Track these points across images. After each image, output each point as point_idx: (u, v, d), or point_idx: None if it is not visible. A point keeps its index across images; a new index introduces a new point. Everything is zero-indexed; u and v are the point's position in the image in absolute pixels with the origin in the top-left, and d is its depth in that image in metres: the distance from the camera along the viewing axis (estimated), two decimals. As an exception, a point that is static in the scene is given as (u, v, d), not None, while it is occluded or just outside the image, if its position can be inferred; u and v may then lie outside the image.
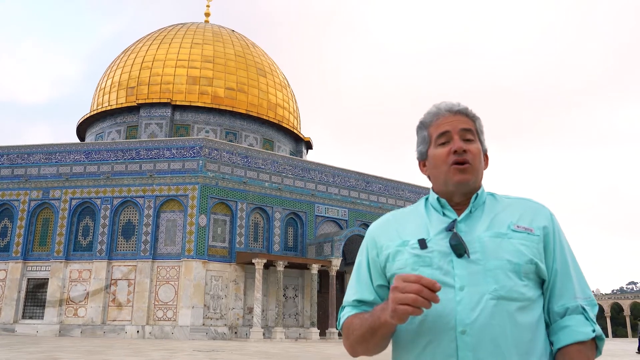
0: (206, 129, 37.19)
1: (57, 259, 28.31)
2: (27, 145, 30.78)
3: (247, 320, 28.15)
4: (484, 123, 1.68)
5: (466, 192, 1.57)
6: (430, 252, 1.50)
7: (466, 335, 1.40)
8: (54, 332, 26.93)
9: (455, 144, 1.56)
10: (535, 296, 1.48)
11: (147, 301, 26.94)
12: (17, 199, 29.58)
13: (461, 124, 1.60)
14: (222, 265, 28.11)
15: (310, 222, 31.88)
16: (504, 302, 1.42)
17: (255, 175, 30.41)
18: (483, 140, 1.65)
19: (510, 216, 1.54)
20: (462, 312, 1.42)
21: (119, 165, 29.32)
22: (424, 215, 1.61)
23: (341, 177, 34.05)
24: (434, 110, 1.64)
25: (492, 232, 1.50)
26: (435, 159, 1.60)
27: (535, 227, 1.52)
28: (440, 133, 1.60)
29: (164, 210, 28.53)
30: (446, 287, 1.45)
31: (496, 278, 1.44)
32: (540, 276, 1.50)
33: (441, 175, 1.59)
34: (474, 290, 1.43)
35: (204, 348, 17.91)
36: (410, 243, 1.54)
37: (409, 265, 1.51)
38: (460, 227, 1.52)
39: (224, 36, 40.99)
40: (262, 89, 39.49)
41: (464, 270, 1.45)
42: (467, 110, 1.63)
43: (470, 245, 1.48)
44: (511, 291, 1.43)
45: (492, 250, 1.47)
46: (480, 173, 1.60)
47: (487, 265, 1.45)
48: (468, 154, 1.55)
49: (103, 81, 40.68)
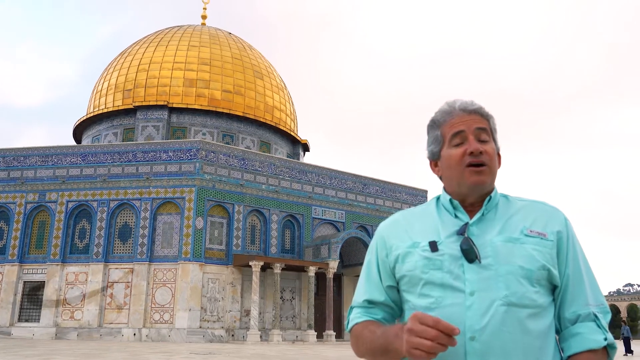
0: (203, 131, 37.17)
1: (53, 261, 28.24)
2: (24, 148, 30.71)
3: (244, 323, 28.11)
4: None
5: (481, 194, 1.54)
6: (441, 255, 1.47)
7: (475, 342, 1.37)
8: (51, 335, 26.84)
9: (471, 145, 1.51)
10: (546, 303, 1.45)
11: (144, 304, 26.87)
12: (14, 202, 29.50)
13: (476, 123, 1.55)
14: (219, 268, 28.06)
15: (307, 225, 31.88)
16: (514, 309, 1.39)
17: (252, 177, 30.40)
18: (497, 139, 1.60)
19: (523, 220, 1.51)
20: (471, 317, 1.39)
21: (116, 167, 29.28)
22: (435, 216, 1.58)
23: (338, 180, 34.06)
24: (448, 109, 1.59)
25: (505, 236, 1.47)
26: (449, 159, 1.55)
27: (548, 231, 1.49)
28: (454, 133, 1.55)
29: (161, 213, 28.48)
30: (456, 292, 1.43)
31: (507, 284, 1.41)
32: (552, 282, 1.47)
33: (456, 177, 1.54)
34: (485, 295, 1.40)
35: (200, 351, 17.88)
36: (421, 245, 1.51)
37: (419, 268, 1.48)
38: (472, 231, 1.49)
39: (221, 39, 40.99)
40: (259, 92, 39.49)
41: (475, 275, 1.43)
42: (482, 110, 1.58)
43: (481, 250, 1.45)
44: (522, 298, 1.40)
45: (504, 256, 1.44)
46: (495, 174, 1.56)
47: (498, 271, 1.42)
48: (484, 156, 1.51)
49: (100, 83, 40.63)
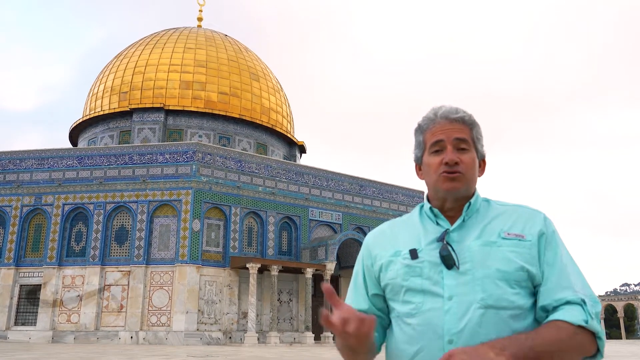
0: (199, 133, 37.15)
1: (50, 265, 28.16)
2: (19, 151, 30.64)
3: (241, 325, 28.07)
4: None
5: (458, 198, 1.56)
6: (421, 262, 1.50)
7: (453, 345, 1.40)
8: (47, 338, 26.75)
9: (447, 155, 1.53)
10: (527, 305, 1.45)
11: (141, 306, 26.82)
12: (9, 205, 29.42)
13: (456, 132, 1.56)
14: (216, 270, 28.03)
15: (304, 226, 31.87)
16: (492, 311, 1.41)
17: (249, 179, 30.38)
18: (480, 147, 1.61)
19: (502, 224, 1.53)
20: (449, 321, 1.42)
21: (112, 170, 29.23)
22: (418, 224, 1.61)
23: (335, 181, 34.08)
24: (431, 116, 1.61)
25: (482, 240, 1.49)
26: (428, 167, 1.59)
27: (527, 233, 1.50)
28: (434, 141, 1.57)
29: (158, 216, 28.44)
30: (435, 297, 1.46)
31: (484, 287, 1.43)
32: (533, 283, 1.47)
33: (432, 183, 1.58)
34: (462, 299, 1.43)
35: (198, 353, 17.84)
36: (402, 253, 1.55)
37: (400, 276, 1.52)
38: (453, 237, 1.51)
39: (217, 41, 40.99)
40: (255, 93, 39.48)
41: (453, 281, 1.45)
42: (464, 118, 1.59)
43: (460, 255, 1.47)
44: (500, 299, 1.42)
45: (480, 259, 1.46)
46: (473, 181, 1.57)
47: (475, 275, 1.44)
48: (460, 165, 1.53)
49: (95, 86, 40.57)
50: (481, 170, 1.64)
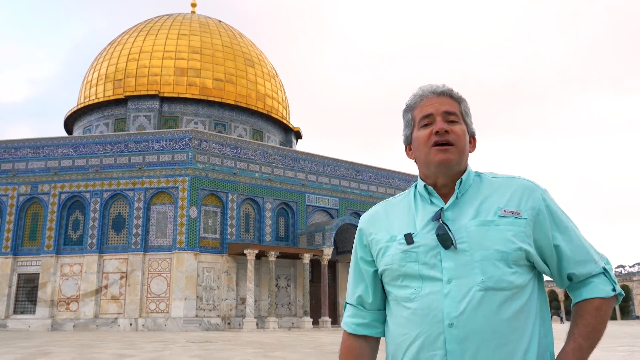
0: (195, 120, 37.02)
1: (47, 253, 28.19)
2: (15, 140, 30.49)
3: (240, 311, 28.22)
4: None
5: (451, 174, 1.54)
6: (417, 247, 1.49)
7: (454, 329, 1.40)
8: (46, 326, 26.86)
9: (437, 125, 1.53)
10: (525, 282, 1.45)
11: (140, 294, 26.92)
12: (6, 194, 29.36)
13: (444, 105, 1.56)
14: (213, 257, 28.11)
15: (301, 212, 31.93)
16: (491, 292, 1.41)
17: (246, 166, 30.36)
18: (469, 122, 1.61)
19: (498, 200, 1.51)
20: (449, 305, 1.41)
21: (108, 158, 29.15)
22: (412, 205, 1.59)
23: (331, 167, 34.08)
24: (419, 93, 1.61)
25: (479, 220, 1.47)
26: (417, 140, 1.57)
27: (522, 209, 1.49)
28: (423, 115, 1.57)
29: (154, 203, 28.44)
30: (434, 281, 1.45)
31: (483, 269, 1.42)
32: (530, 261, 1.48)
33: (423, 157, 1.56)
34: (462, 282, 1.42)
35: (197, 339, 17.95)
36: (398, 239, 1.53)
37: (396, 262, 1.52)
38: (447, 216, 1.50)
39: (211, 27, 40.69)
40: (250, 80, 39.30)
41: (452, 263, 1.44)
42: (452, 92, 1.60)
43: (456, 234, 1.46)
44: (500, 281, 1.42)
45: (478, 240, 1.45)
46: (465, 154, 1.56)
47: (474, 256, 1.43)
48: (450, 135, 1.52)
49: (90, 74, 40.30)
50: (472, 146, 1.63)
